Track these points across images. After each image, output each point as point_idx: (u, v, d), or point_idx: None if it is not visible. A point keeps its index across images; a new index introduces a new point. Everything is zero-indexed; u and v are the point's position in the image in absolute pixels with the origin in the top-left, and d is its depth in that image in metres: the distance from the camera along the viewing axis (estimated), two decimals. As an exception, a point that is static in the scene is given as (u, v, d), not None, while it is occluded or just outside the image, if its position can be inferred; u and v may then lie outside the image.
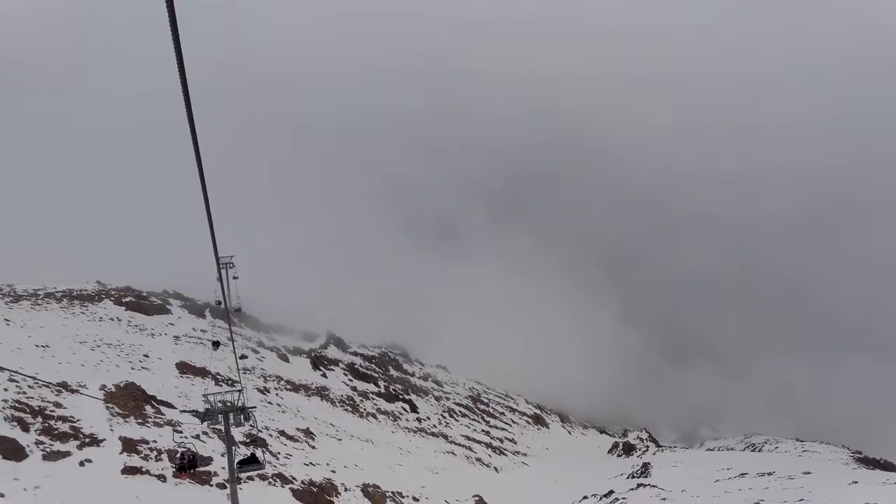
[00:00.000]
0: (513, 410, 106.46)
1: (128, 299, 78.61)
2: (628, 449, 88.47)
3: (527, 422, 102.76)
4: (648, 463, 70.90)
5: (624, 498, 48.40)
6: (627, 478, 66.00)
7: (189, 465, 24.93)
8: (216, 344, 53.72)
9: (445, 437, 76.07)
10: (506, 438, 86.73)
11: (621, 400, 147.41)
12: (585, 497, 54.13)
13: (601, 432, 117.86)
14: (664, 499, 46.47)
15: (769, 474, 56.00)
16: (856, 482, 44.88)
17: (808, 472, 54.42)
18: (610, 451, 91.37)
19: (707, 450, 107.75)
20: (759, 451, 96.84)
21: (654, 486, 52.55)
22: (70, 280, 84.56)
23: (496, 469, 70.01)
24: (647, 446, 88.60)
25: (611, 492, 52.15)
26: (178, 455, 25.63)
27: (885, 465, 79.81)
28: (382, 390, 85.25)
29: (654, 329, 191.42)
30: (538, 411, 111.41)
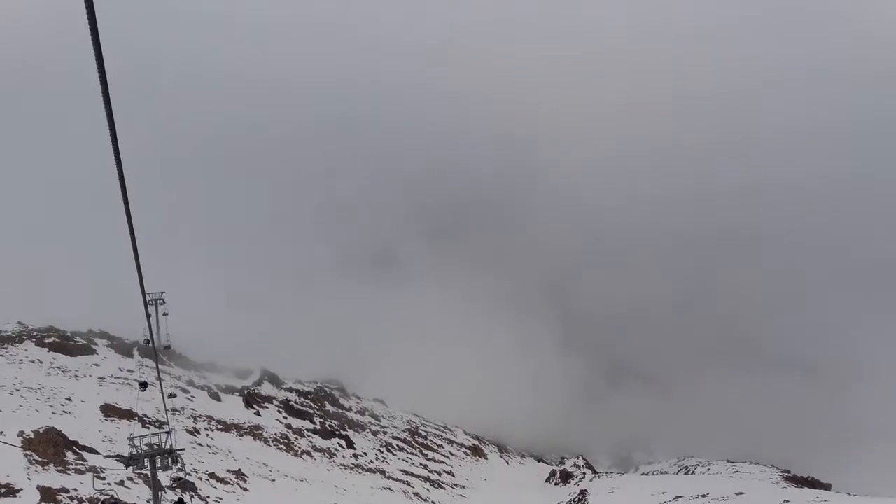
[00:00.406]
0: (451, 442, 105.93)
1: (50, 340, 75.70)
2: (565, 477, 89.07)
3: (465, 453, 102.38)
4: (585, 490, 71.48)
5: (561, 528, 48.59)
6: (565, 506, 66.42)
7: None
8: (143, 385, 51.71)
9: (383, 472, 75.18)
10: (444, 471, 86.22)
11: (559, 427, 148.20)
12: (523, 528, 54.14)
13: (539, 461, 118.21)
14: (600, 527, 46.85)
15: (703, 496, 57.04)
16: (787, 501, 46.14)
17: (741, 493, 55.66)
18: (548, 479, 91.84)
19: (642, 474, 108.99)
20: (692, 473, 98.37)
21: (590, 513, 52.95)
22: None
23: (434, 503, 69.48)
24: (584, 473, 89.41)
25: (548, 522, 52.30)
26: (101, 502, 24.46)
27: (812, 483, 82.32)
28: (318, 427, 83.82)
29: (592, 354, 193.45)
30: (476, 442, 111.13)
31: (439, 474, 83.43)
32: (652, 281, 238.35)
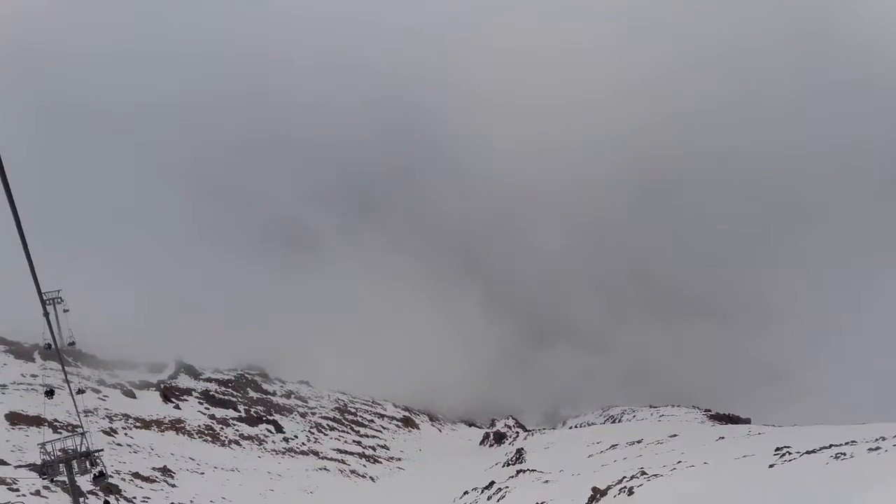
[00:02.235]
0: (381, 416, 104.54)
1: (-61, 351, 69.85)
2: (499, 438, 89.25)
3: (397, 426, 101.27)
4: (521, 448, 71.38)
5: (506, 487, 47.91)
6: (503, 466, 66.10)
7: None
8: (50, 392, 48.28)
9: (316, 453, 73.16)
10: (378, 445, 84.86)
11: (486, 391, 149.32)
12: (466, 492, 53.33)
13: (470, 425, 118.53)
14: (546, 481, 46.39)
15: (638, 442, 57.62)
16: (722, 437, 46.85)
17: (675, 435, 56.49)
18: (482, 442, 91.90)
19: (569, 427, 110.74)
20: (619, 421, 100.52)
21: (532, 470, 52.54)
22: None
23: (372, 478, 68.16)
24: (517, 432, 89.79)
25: (491, 483, 51.59)
26: None
27: (734, 419, 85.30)
28: (243, 414, 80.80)
29: (513, 314, 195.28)
30: (407, 413, 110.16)
31: (374, 449, 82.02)
32: (564, 238, 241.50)
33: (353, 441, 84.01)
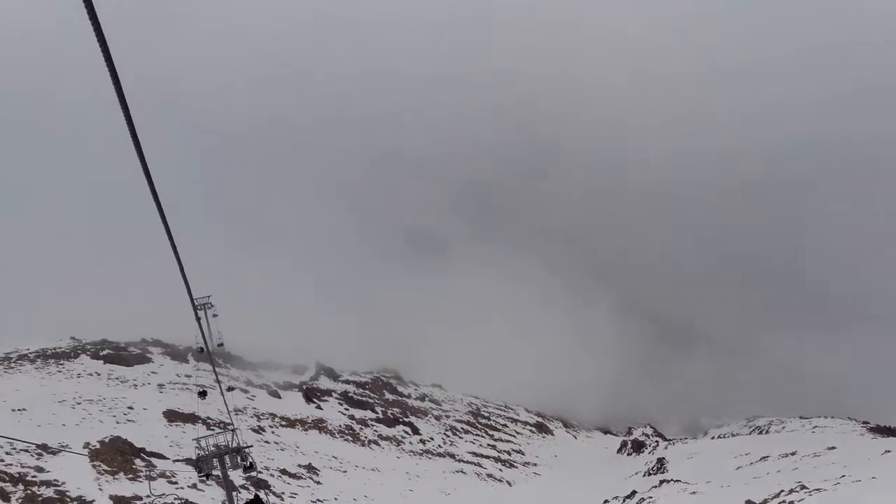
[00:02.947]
0: (515, 421, 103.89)
1: (105, 352, 75.21)
2: (637, 446, 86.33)
3: (531, 431, 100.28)
4: (663, 458, 68.67)
5: (650, 497, 46.08)
6: (644, 476, 63.82)
7: None
8: (203, 394, 50.77)
9: (452, 455, 73.40)
10: (513, 450, 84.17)
11: (621, 398, 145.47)
12: (607, 501, 51.72)
13: (605, 433, 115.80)
14: (693, 492, 44.24)
15: (791, 454, 54.10)
16: (889, 451, 43.04)
17: (833, 448, 52.51)
18: (619, 450, 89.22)
19: (711, 438, 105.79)
20: (766, 433, 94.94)
21: (676, 480, 50.29)
22: (42, 339, 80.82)
23: (508, 483, 67.51)
24: (656, 442, 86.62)
25: (633, 492, 49.80)
26: None
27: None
28: (381, 416, 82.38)
29: (648, 320, 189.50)
30: (540, 419, 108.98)
31: (509, 454, 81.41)
32: (711, 241, 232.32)
33: (488, 445, 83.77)
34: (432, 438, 79.68)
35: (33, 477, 32.88)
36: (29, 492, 31.33)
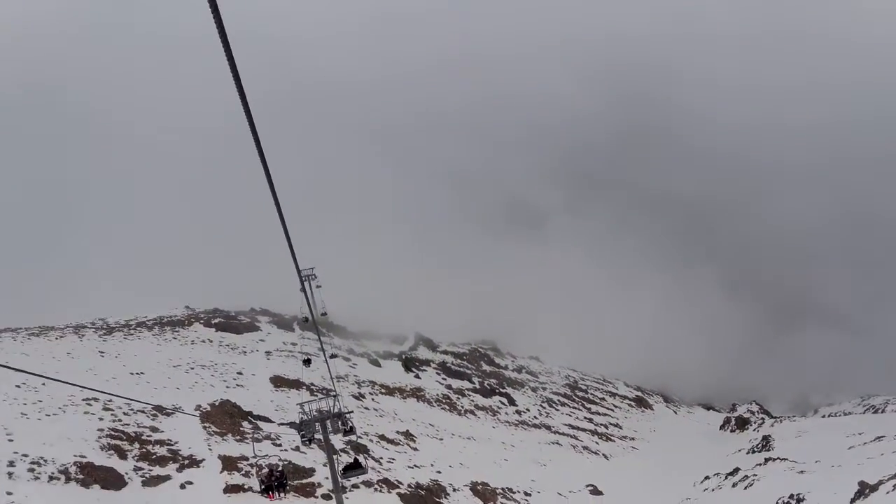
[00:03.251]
0: (613, 395, 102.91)
1: (217, 320, 79.06)
2: (742, 423, 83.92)
3: (629, 405, 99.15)
4: (768, 436, 66.59)
5: (754, 475, 44.91)
6: (748, 453, 62.19)
7: (278, 484, 22.50)
8: (307, 361, 52.77)
9: (548, 427, 73.57)
10: (610, 424, 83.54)
11: (725, 374, 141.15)
12: (707, 477, 50.79)
13: (708, 409, 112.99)
14: (801, 472, 42.81)
15: (912, 435, 51.37)
16: None
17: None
18: (722, 427, 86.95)
19: (822, 416, 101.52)
20: (882, 412, 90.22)
21: (783, 458, 48.75)
22: (159, 307, 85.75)
23: (605, 456, 67.16)
24: (762, 419, 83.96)
25: (736, 469, 48.64)
26: (265, 471, 23.09)
27: None
28: (477, 386, 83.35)
29: (757, 295, 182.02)
30: (639, 393, 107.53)
31: (606, 427, 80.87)
32: (820, 211, 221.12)
33: (585, 418, 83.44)
34: (528, 409, 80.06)
35: (148, 436, 35.17)
36: (144, 450, 33.57)
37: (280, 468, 23.71)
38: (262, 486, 22.67)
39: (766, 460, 50.08)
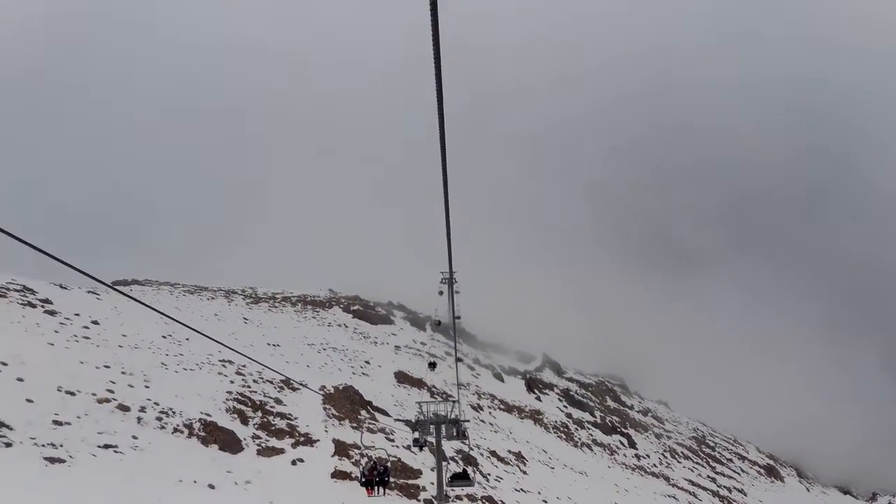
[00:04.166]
0: (742, 458, 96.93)
1: (355, 308, 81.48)
2: (882, 517, 76.68)
3: (758, 472, 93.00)
4: (911, 536, 60.30)
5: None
6: (885, 551, 56.49)
7: (379, 480, 21.99)
8: (433, 365, 52.98)
9: (667, 478, 70.12)
10: (734, 488, 78.53)
11: (871, 458, 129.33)
12: (834, 568, 46.52)
13: (844, 493, 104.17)
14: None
15: None
16: None
17: None
18: (859, 516, 79.89)
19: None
20: None
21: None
22: (306, 286, 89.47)
23: (723, 521, 63.18)
24: (906, 516, 76.30)
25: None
26: (369, 464, 22.71)
27: None
28: (598, 421, 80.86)
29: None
30: (771, 462, 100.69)
31: (729, 490, 76.08)
32: None
33: (708, 476, 78.95)
34: (648, 456, 76.75)
35: (271, 407, 36.46)
36: (265, 420, 34.80)
37: (386, 463, 23.37)
38: (363, 479, 22.29)
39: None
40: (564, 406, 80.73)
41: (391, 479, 23.56)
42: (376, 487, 22.14)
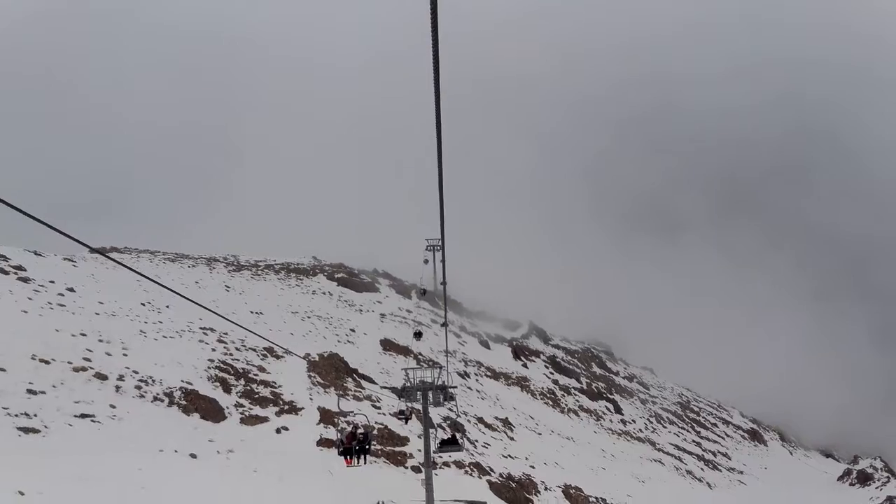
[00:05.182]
0: (726, 423, 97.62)
1: (340, 275, 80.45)
2: (864, 478, 77.36)
3: (742, 436, 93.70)
4: (893, 497, 60.93)
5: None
6: (868, 513, 57.06)
7: (359, 448, 20.71)
8: (418, 334, 52.25)
9: (652, 443, 70.35)
10: (719, 452, 79.09)
11: (853, 423, 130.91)
12: (821, 530, 46.80)
13: (826, 456, 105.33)
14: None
15: None
16: None
17: None
18: (840, 478, 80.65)
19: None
20: None
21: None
22: (289, 254, 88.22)
23: (709, 485, 63.47)
24: (887, 477, 77.01)
25: (856, 528, 44.48)
26: (346, 431, 21.47)
27: None
28: (585, 387, 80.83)
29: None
30: (755, 426, 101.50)
31: (714, 454, 76.58)
32: None
33: (693, 441, 79.37)
34: (634, 421, 76.96)
35: (255, 375, 35.69)
36: (248, 388, 34.04)
37: (365, 431, 22.23)
38: (341, 447, 20.83)
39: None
40: (551, 373, 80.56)
41: (372, 447, 22.65)
42: (356, 456, 20.98)
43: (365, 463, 21.46)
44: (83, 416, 24.90)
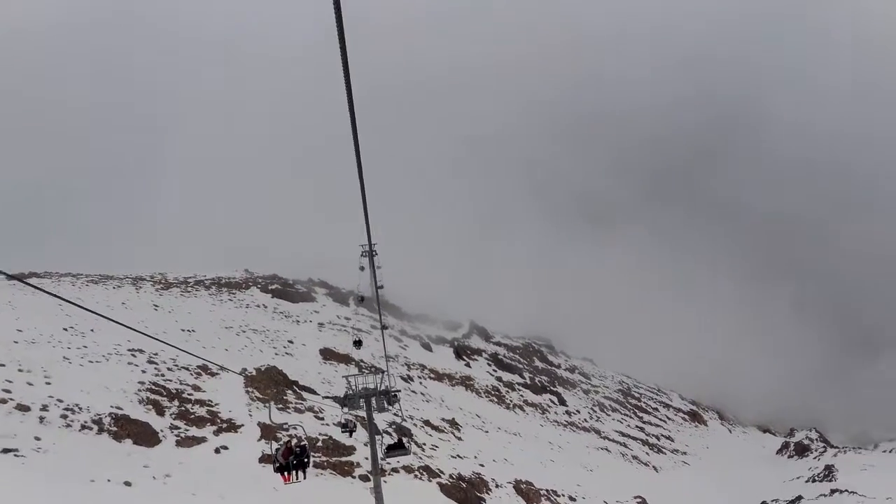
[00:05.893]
0: (667, 406, 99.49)
1: (274, 287, 78.75)
2: (801, 450, 79.64)
3: (683, 419, 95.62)
4: (831, 465, 62.70)
5: (818, 506, 41.91)
6: (808, 481, 58.56)
7: (297, 463, 19.88)
8: (358, 343, 51.43)
9: (598, 432, 71.06)
10: (662, 436, 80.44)
11: (786, 398, 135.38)
12: (765, 502, 47.79)
13: (764, 431, 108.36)
14: (871, 509, 39.67)
15: None
16: None
17: None
18: (779, 451, 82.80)
19: (883, 451, 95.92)
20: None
21: (852, 492, 45.46)
22: (220, 268, 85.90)
23: (655, 468, 64.44)
24: (823, 447, 79.56)
25: (799, 497, 45.60)
26: (281, 449, 20.53)
27: None
28: (528, 382, 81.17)
29: (832, 320, 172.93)
30: (694, 407, 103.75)
31: (657, 438, 77.84)
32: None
33: (636, 426, 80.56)
34: (578, 411, 77.63)
35: (189, 394, 34.31)
36: (183, 408, 32.68)
37: (302, 443, 21.46)
38: (277, 465, 19.92)
39: (833, 491, 46.93)
40: (494, 370, 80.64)
41: (311, 460, 21.90)
42: (294, 471, 20.21)
43: (304, 478, 20.72)
44: (5, 451, 23.40)
